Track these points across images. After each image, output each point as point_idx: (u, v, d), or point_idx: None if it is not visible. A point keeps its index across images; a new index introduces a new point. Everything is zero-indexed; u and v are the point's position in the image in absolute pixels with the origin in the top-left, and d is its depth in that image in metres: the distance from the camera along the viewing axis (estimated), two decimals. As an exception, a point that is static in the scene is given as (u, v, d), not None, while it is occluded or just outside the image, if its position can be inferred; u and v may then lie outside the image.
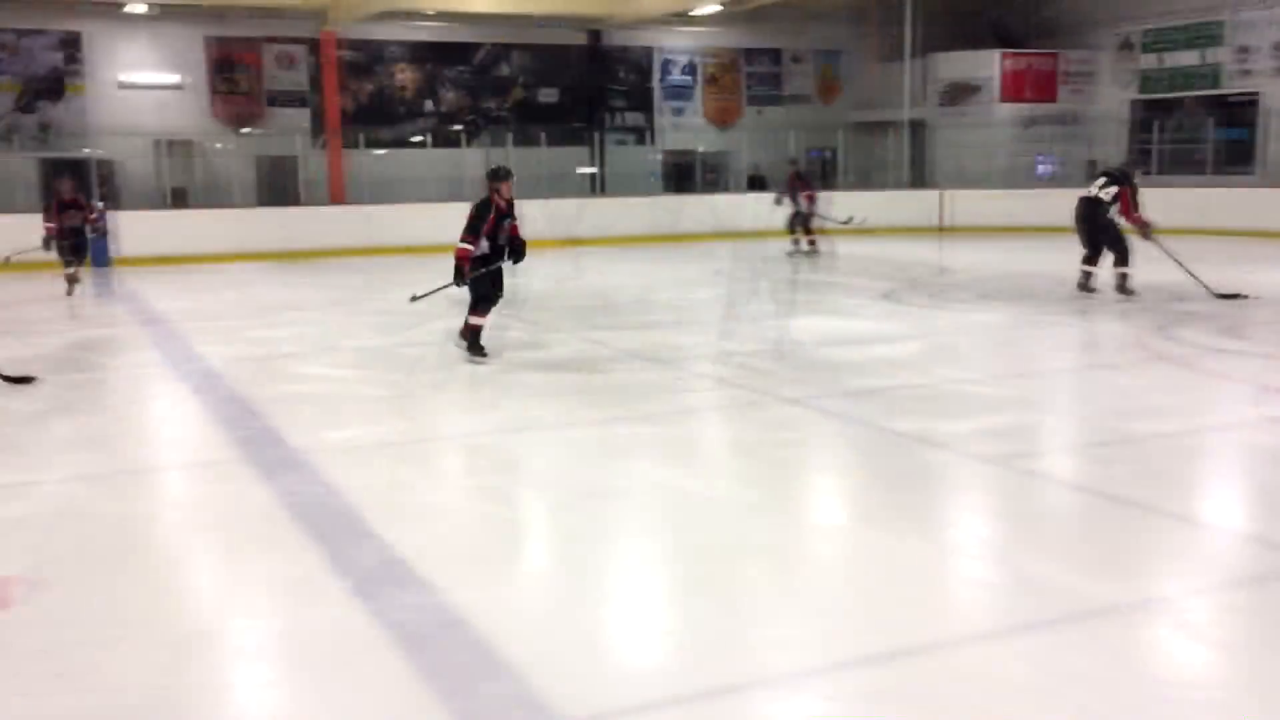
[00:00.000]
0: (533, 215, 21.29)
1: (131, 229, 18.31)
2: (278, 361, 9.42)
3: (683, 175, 26.04)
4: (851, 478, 5.98)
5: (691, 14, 24.80)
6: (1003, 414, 7.05)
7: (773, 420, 7.01)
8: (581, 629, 3.88)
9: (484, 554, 4.65)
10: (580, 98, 26.06)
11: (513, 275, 9.48)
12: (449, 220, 20.34)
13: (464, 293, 8.99)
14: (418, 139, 24.58)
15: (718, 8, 24.23)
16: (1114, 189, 12.08)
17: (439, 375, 8.68)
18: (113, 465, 6.27)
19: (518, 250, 8.99)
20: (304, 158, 22.94)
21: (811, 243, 17.79)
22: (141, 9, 21.69)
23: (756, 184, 24.77)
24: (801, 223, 17.84)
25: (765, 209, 18.29)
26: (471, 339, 8.92)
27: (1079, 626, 3.78)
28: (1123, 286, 12.03)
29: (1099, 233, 12.19)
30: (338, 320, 11.92)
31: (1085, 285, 12.38)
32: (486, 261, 8.82)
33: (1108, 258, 12.22)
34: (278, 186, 22.60)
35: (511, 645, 3.66)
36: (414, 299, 9.30)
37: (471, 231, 8.76)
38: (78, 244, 14.11)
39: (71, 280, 13.95)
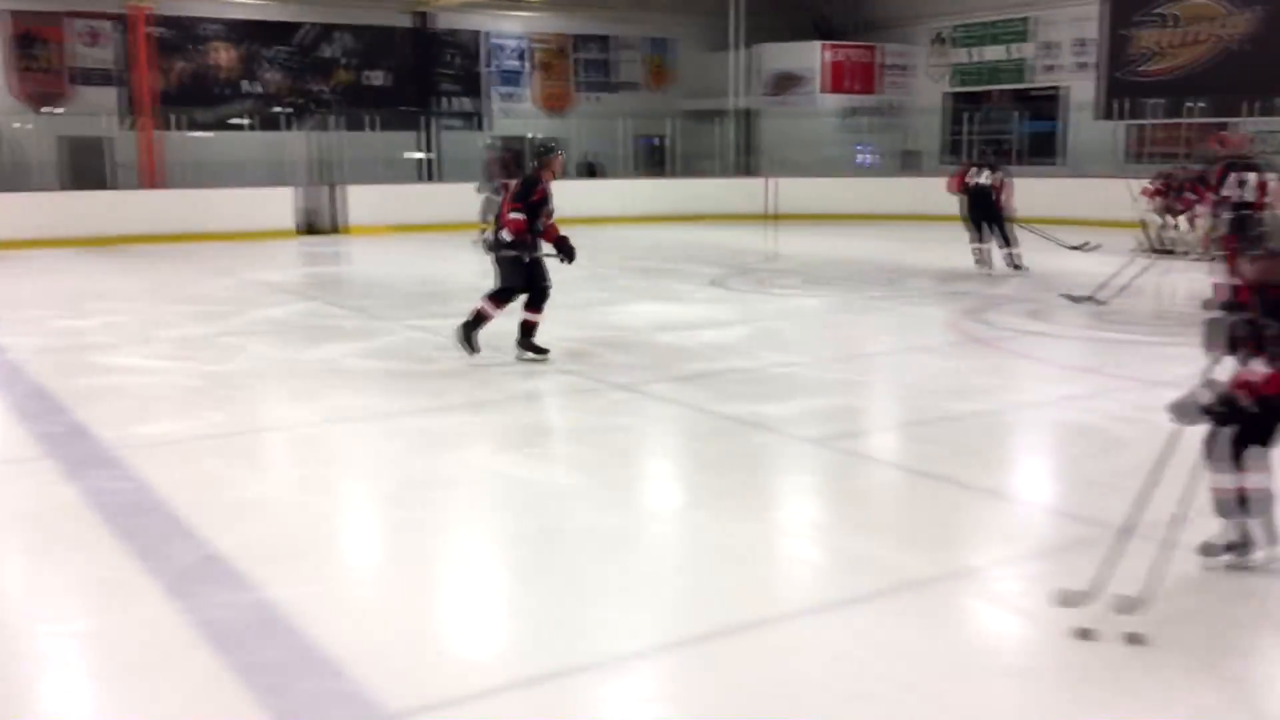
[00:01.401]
0: (370, 201, 20.83)
1: (-78, 213, 17.12)
2: (86, 353, 8.95)
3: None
4: (681, 461, 6.05)
5: (520, -2, 24.64)
6: (826, 396, 7.25)
7: (604, 406, 7.03)
8: (408, 621, 3.82)
9: (306, 548, 4.52)
10: (409, 81, 25.56)
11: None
12: (272, 205, 19.90)
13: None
14: (238, 121, 23.67)
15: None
16: (997, 175, 13.39)
17: (260, 365, 8.40)
18: (-100, 466, 5.85)
19: (569, 250, 8.11)
20: (114, 139, 21.81)
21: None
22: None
23: (590, 171, 24.80)
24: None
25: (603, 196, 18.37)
26: (471, 327, 8.08)
27: (896, 599, 3.92)
28: (1017, 264, 13.17)
29: (990, 216, 13.36)
30: (152, 309, 11.39)
31: (984, 261, 13.43)
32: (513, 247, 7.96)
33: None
34: (86, 169, 21.41)
35: (334, 640, 3.57)
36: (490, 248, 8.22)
37: (521, 200, 7.89)
38: None
39: None
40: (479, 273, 14.65)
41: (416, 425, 6.54)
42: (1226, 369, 4.05)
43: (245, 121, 23.54)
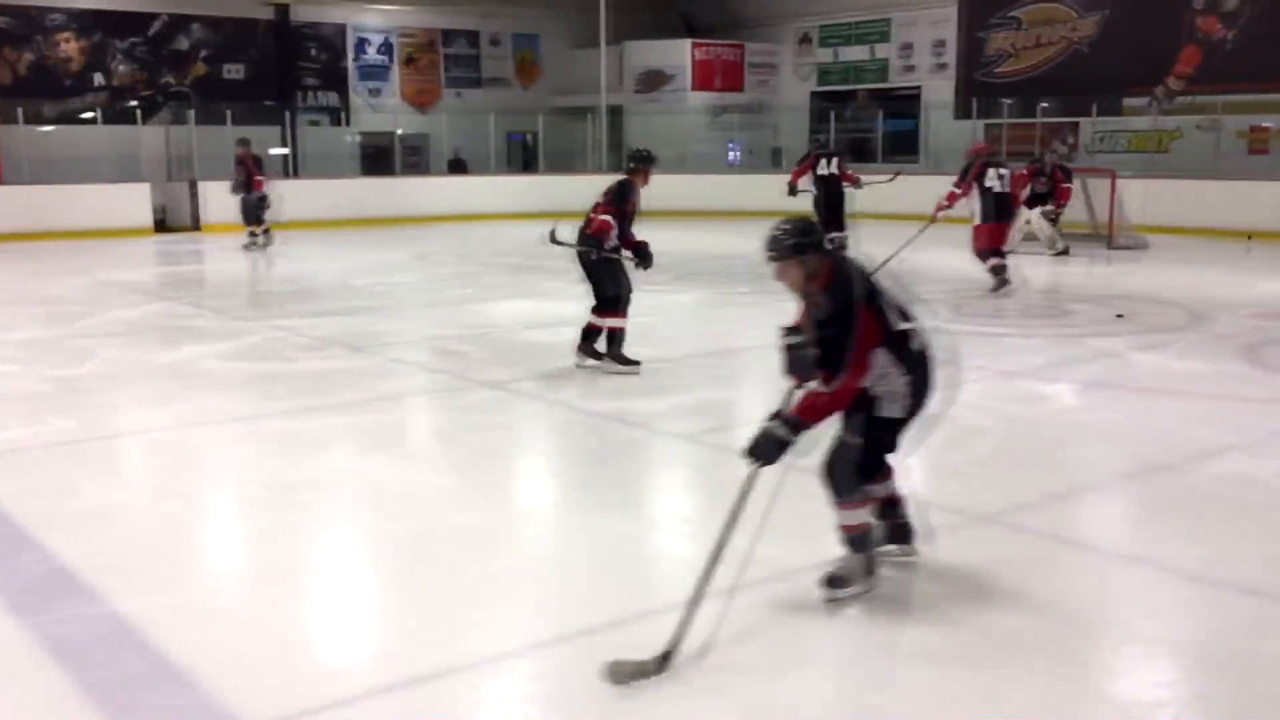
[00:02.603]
0: (230, 198, 20.23)
1: None
2: (-78, 358, 8.48)
3: (381, 158, 25.39)
4: (551, 459, 6.03)
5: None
6: (696, 392, 7.30)
7: (473, 404, 6.96)
8: (271, 629, 3.71)
9: (162, 558, 4.35)
10: (269, 75, 24.88)
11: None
12: (126, 202, 19.14)
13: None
14: (87, 115, 22.70)
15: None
16: (837, 159, 14.28)
17: (112, 368, 8.07)
18: None
19: (647, 256, 7.80)
20: (-49, 133, 20.70)
21: (265, 232, 16.55)
22: None
23: (458, 168, 24.53)
24: (256, 212, 16.50)
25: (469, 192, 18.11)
26: (617, 349, 7.77)
27: (765, 590, 3.97)
28: (845, 246, 13.88)
29: (840, 203, 14.18)
30: (-5, 311, 10.86)
31: (845, 248, 13.99)
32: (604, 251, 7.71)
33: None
34: (-80, 165, 20.27)
35: (190, 652, 3.45)
36: (554, 240, 7.90)
37: (614, 204, 7.56)
38: None
39: None
40: (345, 271, 14.41)
41: (279, 428, 6.37)
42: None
43: (93, 115, 22.60)
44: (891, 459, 4.13)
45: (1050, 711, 3.16)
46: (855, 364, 3.71)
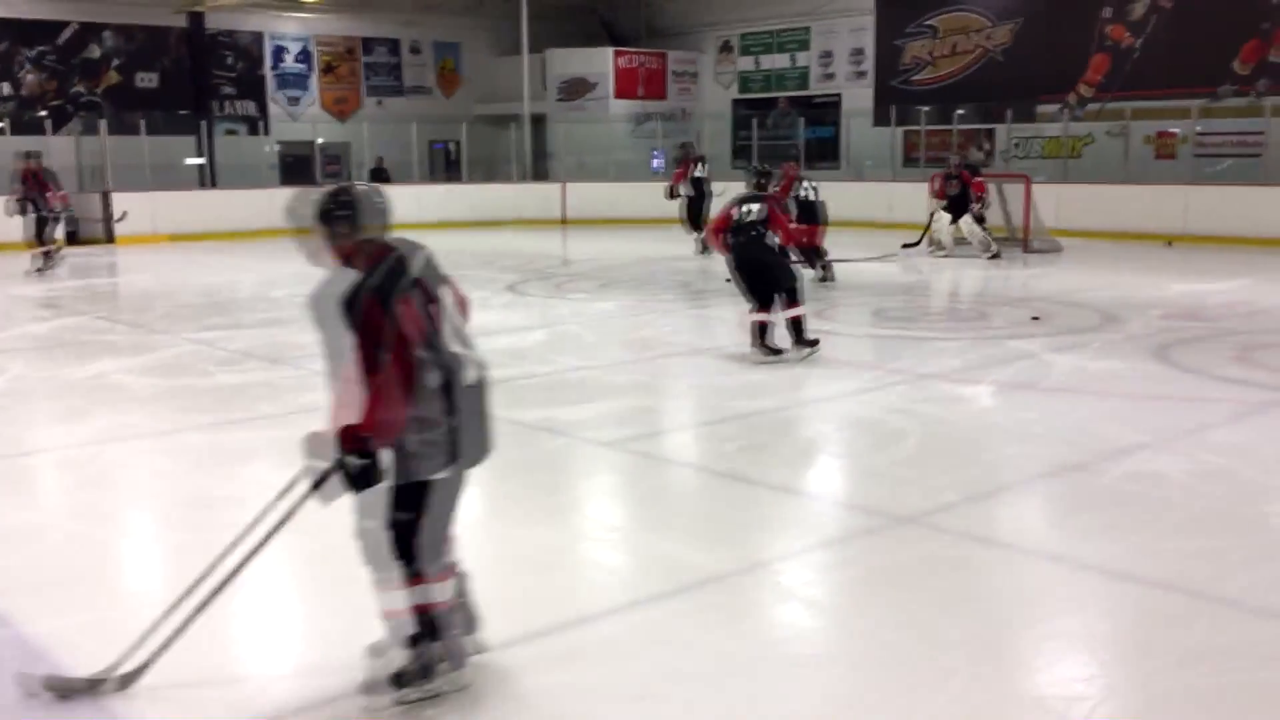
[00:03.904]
0: (144, 209, 19.76)
1: None
2: None
3: (301, 167, 25.01)
4: (477, 469, 5.96)
5: (301, -1, 23.91)
6: (621, 399, 7.30)
7: (396, 415, 6.88)
8: (190, 650, 3.62)
9: (74, 578, 4.24)
10: (184, 84, 24.41)
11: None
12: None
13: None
14: (-7, 125, 22.08)
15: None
16: (706, 164, 16.80)
17: (21, 385, 7.85)
18: None
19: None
20: None
21: (48, 255, 14.78)
22: None
23: (379, 176, 24.28)
24: (47, 229, 14.81)
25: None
26: (801, 334, 8.31)
27: (692, 596, 3.98)
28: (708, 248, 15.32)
29: (706, 204, 15.95)
30: (-102, 328, 10.50)
31: (709, 250, 15.16)
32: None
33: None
34: None
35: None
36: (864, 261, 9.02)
37: (787, 212, 9.02)
38: None
39: None
40: (264, 282, 14.19)
41: (197, 443, 6.24)
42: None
43: (1, 125, 21.97)
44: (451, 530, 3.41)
45: (971, 709, 3.21)
46: (376, 383, 2.97)
